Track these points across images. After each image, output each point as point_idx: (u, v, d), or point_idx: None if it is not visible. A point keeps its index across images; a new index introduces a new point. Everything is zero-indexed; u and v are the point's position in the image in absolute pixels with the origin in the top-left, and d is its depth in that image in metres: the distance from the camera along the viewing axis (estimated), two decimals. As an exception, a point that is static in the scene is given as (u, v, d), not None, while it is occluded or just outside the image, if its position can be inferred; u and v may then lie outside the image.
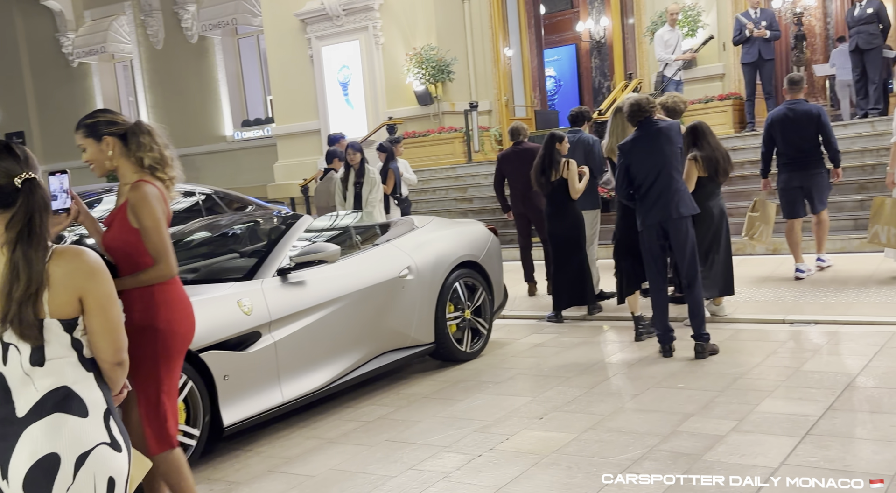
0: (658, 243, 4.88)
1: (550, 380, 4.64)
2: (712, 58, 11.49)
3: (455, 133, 12.40)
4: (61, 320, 1.74)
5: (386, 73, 13.21)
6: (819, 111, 6.53)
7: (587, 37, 18.19)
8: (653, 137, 4.83)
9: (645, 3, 11.82)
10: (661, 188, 4.79)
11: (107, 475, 1.74)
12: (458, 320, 5.15)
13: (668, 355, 4.88)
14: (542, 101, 15.03)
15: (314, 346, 4.20)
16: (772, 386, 4.12)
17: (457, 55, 12.63)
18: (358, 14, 13.25)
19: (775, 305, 5.91)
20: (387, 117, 12.81)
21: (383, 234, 5.28)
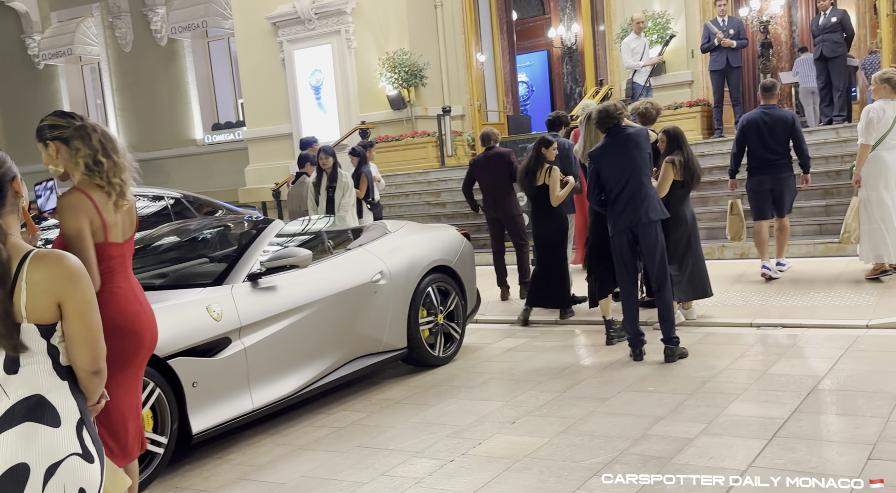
0: (628, 248, 4.92)
1: (523, 384, 4.64)
2: (681, 65, 11.63)
3: (428, 138, 12.40)
4: (39, 325, 1.71)
5: (359, 77, 13.18)
6: (793, 117, 6.69)
7: (559, 43, 18.35)
8: (621, 143, 4.88)
9: (615, 11, 11.96)
10: (631, 193, 4.84)
11: (77, 486, 1.70)
12: (431, 325, 5.14)
13: (639, 358, 4.92)
14: (514, 106, 15.11)
15: (285, 352, 4.16)
16: (740, 389, 4.17)
17: (430, 60, 12.65)
18: (330, 18, 13.21)
19: (743, 308, 5.99)
20: (360, 122, 12.77)
21: (356, 238, 5.25)
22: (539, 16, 18.55)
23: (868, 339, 4.95)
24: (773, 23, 17.34)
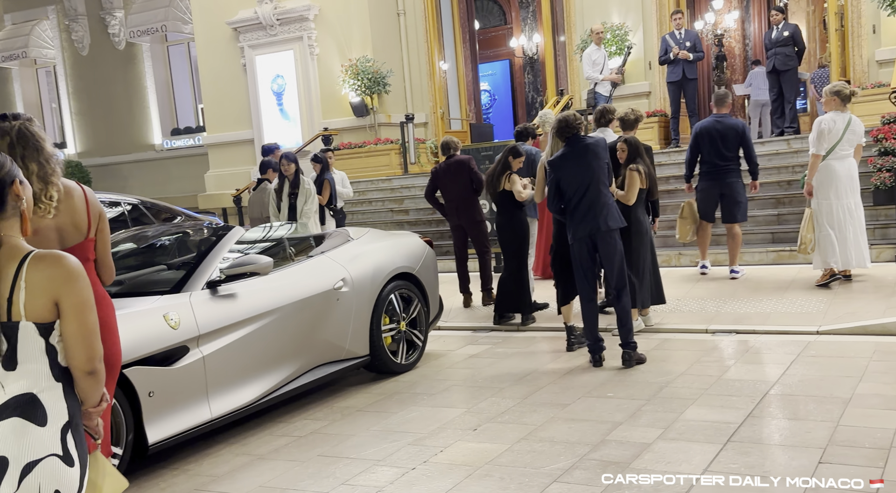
0: (588, 256, 4.99)
1: (484, 391, 4.65)
2: (639, 76, 11.84)
3: (391, 145, 12.40)
4: (37, 324, 1.75)
5: (321, 83, 13.11)
6: (743, 126, 7.02)
7: (520, 53, 18.53)
8: (580, 152, 4.95)
9: (575, 22, 12.12)
10: (590, 202, 4.90)
11: (53, 487, 1.71)
12: (394, 332, 5.11)
13: (598, 364, 4.97)
14: (477, 114, 15.18)
15: (245, 360, 4.10)
16: (696, 394, 4.24)
17: (393, 67, 12.65)
18: (292, 24, 13.12)
19: (699, 315, 6.10)
20: (322, 128, 12.71)
21: (318, 245, 5.21)
22: (501, 25, 18.71)
23: (818, 345, 5.08)
24: (727, 36, 17.78)
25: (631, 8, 11.66)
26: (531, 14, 18.16)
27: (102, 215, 2.71)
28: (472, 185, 7.05)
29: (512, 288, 6.25)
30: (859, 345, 4.99)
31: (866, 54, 9.89)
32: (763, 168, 9.22)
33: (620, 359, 4.93)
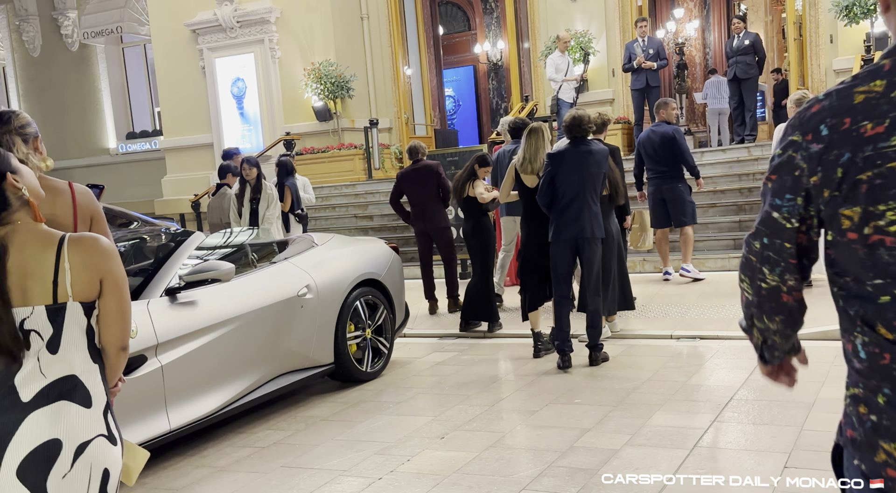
0: (570, 258, 5.07)
1: (451, 399, 4.63)
2: (602, 83, 11.99)
3: (355, 150, 12.35)
4: (83, 303, 1.81)
5: (283, 87, 12.99)
6: (673, 133, 7.31)
7: (484, 59, 18.62)
8: (583, 155, 5.01)
9: (539, 28, 12.23)
10: (581, 207, 4.97)
11: (102, 466, 1.79)
12: (359, 340, 5.06)
13: (567, 365, 5.04)
14: (441, 120, 15.20)
15: (205, 369, 4.01)
16: (662, 400, 4.28)
17: (356, 72, 12.60)
18: (253, 27, 12.98)
19: (663, 321, 6.17)
20: (284, 132, 12.59)
21: (281, 251, 5.13)
22: (465, 31, 18.78)
23: (781, 349, 5.17)
24: (688, 45, 18.15)
25: (594, 15, 11.81)
26: (495, 20, 18.28)
27: (96, 218, 2.62)
28: (440, 191, 7.04)
29: (479, 296, 6.24)
30: (821, 350, 5.08)
31: (824, 63, 10.17)
32: (724, 175, 9.44)
33: (587, 359, 5.07)
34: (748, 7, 16.41)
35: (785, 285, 1.36)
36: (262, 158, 11.66)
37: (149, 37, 14.89)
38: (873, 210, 1.17)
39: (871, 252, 1.18)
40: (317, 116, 12.66)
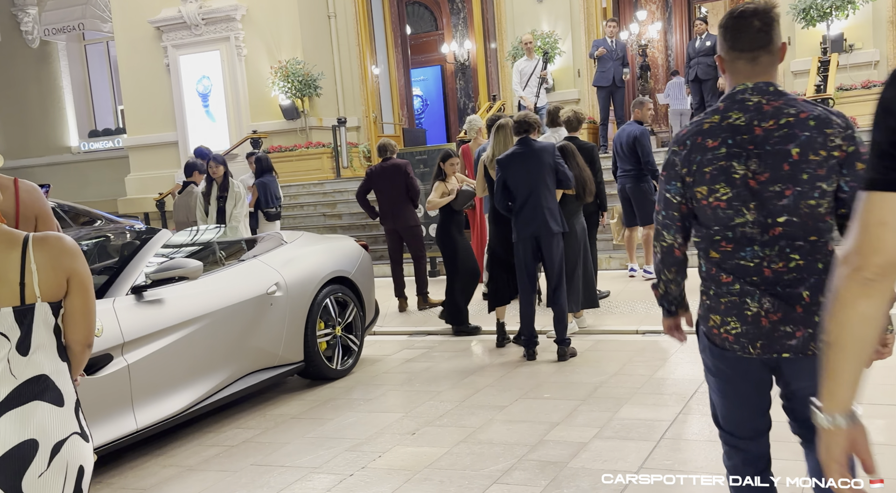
0: (531, 255, 5.11)
1: (422, 395, 4.62)
2: (568, 84, 12.07)
3: (323, 148, 12.25)
4: (51, 304, 1.79)
5: (249, 85, 12.84)
6: (639, 132, 7.30)
7: (452, 59, 18.62)
8: (529, 154, 5.05)
9: (506, 29, 12.28)
10: (536, 204, 5.02)
11: (77, 464, 1.79)
12: (329, 338, 5.03)
13: (532, 358, 5.14)
14: (409, 119, 15.17)
15: (173, 368, 3.95)
16: (629, 393, 4.33)
17: (324, 70, 12.49)
18: (218, 24, 12.81)
19: (629, 316, 6.24)
20: (251, 131, 12.45)
21: (250, 249, 5.08)
22: (432, 31, 18.76)
23: (744, 342, 5.27)
24: (650, 47, 18.39)
25: (560, 16, 11.89)
26: (462, 21, 18.30)
27: (42, 217, 2.54)
28: (408, 190, 7.02)
29: (448, 298, 6.17)
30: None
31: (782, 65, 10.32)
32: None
33: (555, 354, 5.11)
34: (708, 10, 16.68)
35: (676, 242, 2.11)
36: (229, 157, 11.53)
37: (111, 34, 14.60)
38: (710, 187, 1.98)
39: (713, 211, 1.99)
40: (284, 114, 12.54)
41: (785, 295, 1.92)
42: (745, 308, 1.96)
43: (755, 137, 1.93)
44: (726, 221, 1.95)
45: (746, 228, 1.94)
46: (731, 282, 1.97)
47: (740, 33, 1.95)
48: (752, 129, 1.94)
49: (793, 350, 1.94)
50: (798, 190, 1.89)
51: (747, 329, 1.97)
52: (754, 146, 1.93)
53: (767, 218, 1.92)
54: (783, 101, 1.94)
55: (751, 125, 1.94)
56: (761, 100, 1.94)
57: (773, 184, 1.91)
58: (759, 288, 1.94)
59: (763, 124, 1.93)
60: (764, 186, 1.91)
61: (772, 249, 1.93)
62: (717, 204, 1.96)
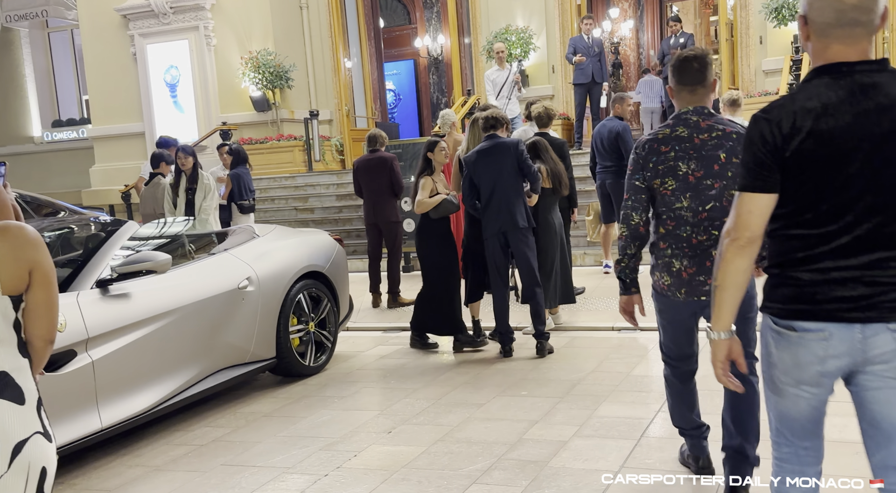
0: (501, 251, 5.08)
1: (397, 392, 4.54)
2: (542, 80, 12.05)
3: (295, 141, 12.10)
4: (12, 297, 1.71)
5: (219, 76, 12.60)
6: (621, 128, 7.29)
7: (425, 53, 18.50)
8: (494, 150, 5.02)
9: (480, 23, 12.21)
10: (501, 200, 4.98)
11: (40, 465, 1.72)
12: (302, 334, 4.92)
13: (509, 355, 5.10)
14: (383, 113, 15.03)
15: (140, 365, 3.81)
16: (607, 391, 4.29)
17: (296, 62, 12.32)
18: (187, 13, 12.54)
19: (605, 313, 6.22)
20: (221, 122, 12.22)
21: (220, 242, 4.94)
22: (405, 25, 18.62)
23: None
24: (622, 44, 18.48)
25: (535, 11, 11.86)
26: (435, 15, 18.18)
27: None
28: (392, 185, 6.91)
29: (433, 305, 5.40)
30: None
31: (754, 64, 10.47)
32: None
33: (535, 350, 5.08)
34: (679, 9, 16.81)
35: (642, 221, 2.81)
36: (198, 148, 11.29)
37: (76, 22, 14.19)
38: (661, 180, 2.74)
39: (662, 197, 2.75)
40: (255, 106, 12.35)
41: (699, 256, 2.72)
42: (671, 267, 2.77)
43: (694, 144, 2.73)
44: (670, 205, 2.73)
45: (682, 212, 2.73)
46: (665, 248, 2.77)
47: (684, 72, 2.75)
48: (692, 139, 2.73)
49: (707, 294, 2.72)
50: (724, 184, 2.69)
51: (674, 281, 2.78)
52: (694, 151, 2.72)
53: (699, 206, 2.71)
54: (713, 120, 2.75)
55: (691, 137, 2.73)
56: (699, 119, 2.75)
57: (706, 179, 2.70)
58: (685, 252, 2.73)
59: (700, 136, 2.73)
60: (699, 181, 2.71)
61: (699, 226, 2.72)
62: (665, 192, 2.75)
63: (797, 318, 1.82)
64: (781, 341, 1.86)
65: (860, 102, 1.74)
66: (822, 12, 1.76)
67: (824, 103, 1.75)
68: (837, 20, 1.74)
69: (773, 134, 1.78)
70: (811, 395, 1.87)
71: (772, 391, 1.94)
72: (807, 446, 1.94)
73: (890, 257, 1.76)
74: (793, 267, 1.82)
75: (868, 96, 1.74)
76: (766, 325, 1.91)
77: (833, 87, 1.76)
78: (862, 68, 1.76)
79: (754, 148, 1.80)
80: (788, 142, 1.76)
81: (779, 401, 1.92)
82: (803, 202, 1.79)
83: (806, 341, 1.81)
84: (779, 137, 1.77)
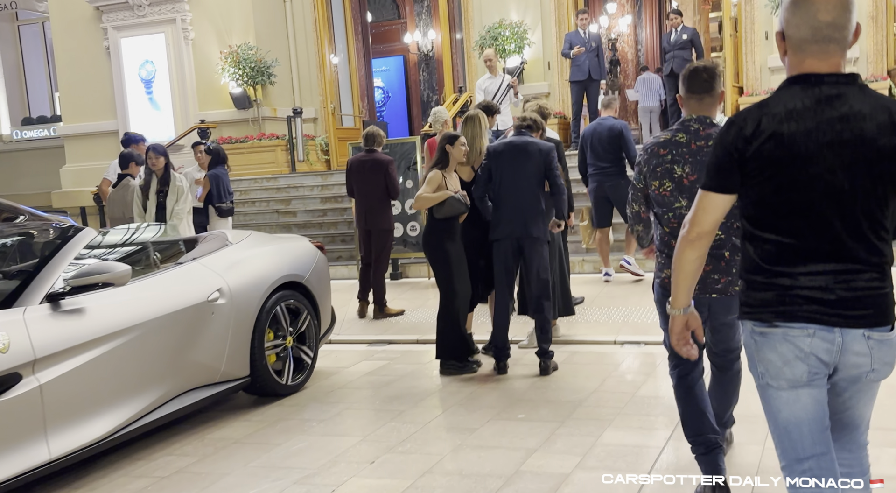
0: (512, 256, 4.84)
1: (383, 415, 4.28)
2: (538, 77, 11.82)
3: (277, 140, 11.84)
4: None
5: (197, 71, 12.35)
6: (621, 127, 7.21)
7: (415, 49, 18.25)
8: (524, 150, 4.79)
9: (473, 18, 11.98)
10: (524, 204, 4.76)
11: None
12: (279, 349, 4.65)
13: (503, 372, 4.86)
14: (370, 111, 14.78)
15: (95, 388, 3.53)
16: (611, 414, 4.04)
17: (278, 57, 12.08)
18: (163, 5, 12.26)
19: (605, 325, 5.98)
20: (199, 120, 11.92)
21: (189, 250, 4.67)
22: (394, 20, 18.36)
23: (730, 354, 5.04)
24: (620, 41, 18.29)
25: (529, 5, 11.63)
26: (426, 9, 17.94)
27: None
28: (387, 189, 6.65)
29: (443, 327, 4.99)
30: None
31: (759, 60, 10.28)
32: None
33: (538, 368, 4.83)
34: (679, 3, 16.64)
35: (641, 209, 3.20)
36: (174, 148, 11.04)
37: (47, 14, 13.87)
38: (660, 182, 3.01)
39: (661, 197, 3.02)
40: (235, 103, 12.10)
41: (714, 255, 2.82)
42: None
43: (691, 150, 2.96)
44: (669, 205, 3.00)
45: (682, 210, 2.94)
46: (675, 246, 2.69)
47: (693, 81, 2.98)
48: (689, 144, 2.97)
49: (718, 291, 2.97)
50: None
51: None
52: (689, 156, 2.96)
53: None
54: (714, 129, 2.96)
55: (689, 142, 2.97)
56: (699, 127, 2.97)
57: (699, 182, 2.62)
58: None
59: (697, 143, 2.96)
60: (693, 184, 2.92)
61: None
62: (664, 193, 3.02)
63: (780, 319, 1.93)
64: (765, 341, 1.95)
65: (824, 110, 1.88)
66: (798, 29, 1.92)
67: (790, 109, 1.90)
68: (812, 37, 1.90)
69: (737, 136, 1.94)
70: (807, 394, 1.94)
71: (769, 403, 2.00)
72: (818, 456, 1.95)
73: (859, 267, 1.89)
74: (768, 272, 1.94)
75: (832, 106, 1.88)
76: (747, 332, 2.00)
77: (800, 95, 1.91)
78: (830, 80, 1.90)
79: (718, 150, 1.98)
80: (750, 143, 1.91)
81: (779, 410, 1.97)
82: (769, 205, 1.93)
83: (791, 336, 1.92)
84: (740, 140, 1.93)
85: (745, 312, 1.98)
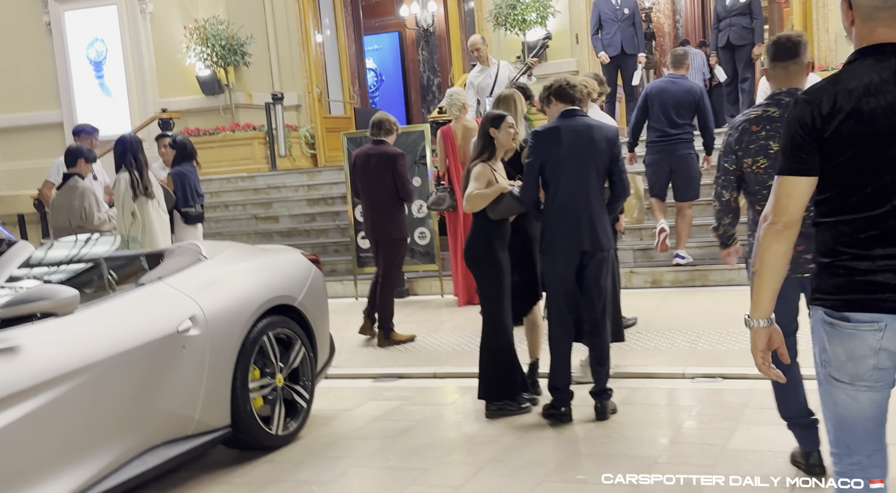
0: (573, 274, 4.49)
1: (400, 475, 3.96)
2: (564, 52, 11.72)
3: (254, 132, 11.92)
4: None
5: (157, 51, 12.43)
6: (701, 91, 7.29)
7: (412, 23, 18.08)
8: (583, 134, 4.41)
9: (486, -16, 11.83)
10: (585, 208, 4.40)
11: None
12: (267, 391, 4.38)
13: (567, 419, 4.48)
14: (363, 97, 14.78)
15: (32, 449, 3.25)
16: (699, 471, 3.68)
17: (254, 33, 12.14)
18: (116, -28, 12.26)
19: (668, 353, 5.70)
20: (160, 109, 11.96)
21: (153, 268, 4.42)
22: (387, -10, 18.23)
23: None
24: (655, 10, 18.12)
25: (554, -32, 11.43)
26: (425, -23, 17.77)
27: None
28: (396, 189, 6.38)
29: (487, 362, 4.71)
30: None
31: (833, 28, 10.06)
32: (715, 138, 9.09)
33: (593, 410, 4.51)
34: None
35: (732, 197, 3.59)
36: (130, 142, 10.83)
37: (-23, -16, 13.82)
38: (753, 159, 3.44)
39: (755, 176, 3.46)
40: (202, 88, 12.17)
41: (806, 234, 2.61)
42: None
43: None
44: (764, 183, 3.33)
45: None
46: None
47: (777, 48, 3.36)
48: (782, 118, 3.01)
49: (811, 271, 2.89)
50: None
51: None
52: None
53: None
54: None
55: (782, 116, 3.15)
56: (791, 100, 2.87)
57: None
58: None
59: None
60: None
61: None
62: (757, 171, 3.39)
63: (851, 309, 2.13)
64: (835, 333, 2.17)
65: None
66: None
67: (866, 84, 2.08)
68: (884, 2, 2.09)
69: (813, 116, 2.12)
70: (869, 392, 2.17)
71: (827, 393, 2.25)
72: (869, 453, 2.22)
73: None
74: (843, 255, 2.14)
75: None
76: (817, 318, 2.23)
77: (876, 68, 2.09)
78: None
79: (792, 131, 2.17)
80: (828, 123, 2.10)
81: (836, 404, 2.22)
82: (846, 185, 2.13)
83: (860, 332, 2.12)
84: (818, 119, 2.12)
85: (816, 298, 2.22)
